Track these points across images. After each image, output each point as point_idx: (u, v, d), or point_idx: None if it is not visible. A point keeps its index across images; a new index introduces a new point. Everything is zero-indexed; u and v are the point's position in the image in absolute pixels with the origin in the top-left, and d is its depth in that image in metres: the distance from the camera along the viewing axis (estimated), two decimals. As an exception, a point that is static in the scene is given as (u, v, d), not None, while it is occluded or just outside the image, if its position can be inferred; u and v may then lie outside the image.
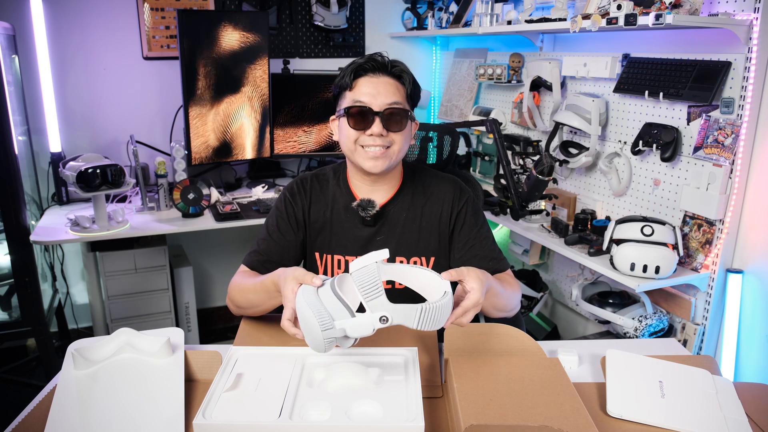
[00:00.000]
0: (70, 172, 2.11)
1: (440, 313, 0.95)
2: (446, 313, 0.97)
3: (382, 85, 1.25)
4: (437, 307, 0.94)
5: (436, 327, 0.96)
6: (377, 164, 1.27)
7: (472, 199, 1.40)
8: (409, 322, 0.93)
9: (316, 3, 2.93)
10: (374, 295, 0.93)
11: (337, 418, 0.91)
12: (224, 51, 2.54)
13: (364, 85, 1.26)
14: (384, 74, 1.27)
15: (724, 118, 1.75)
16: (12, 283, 2.32)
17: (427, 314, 0.93)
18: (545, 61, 2.40)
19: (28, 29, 2.43)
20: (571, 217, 2.35)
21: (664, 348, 1.26)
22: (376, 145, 1.25)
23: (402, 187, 1.38)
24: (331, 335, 0.93)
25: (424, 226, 1.37)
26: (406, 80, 1.29)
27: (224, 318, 3.22)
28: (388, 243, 1.35)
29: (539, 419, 0.88)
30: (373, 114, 1.24)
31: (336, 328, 0.93)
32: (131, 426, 0.93)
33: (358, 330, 0.93)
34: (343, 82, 1.28)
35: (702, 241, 1.86)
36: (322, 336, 0.92)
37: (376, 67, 1.26)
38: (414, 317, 0.93)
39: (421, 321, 0.93)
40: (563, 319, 2.61)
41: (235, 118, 2.67)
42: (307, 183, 1.40)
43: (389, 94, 1.25)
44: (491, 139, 2.75)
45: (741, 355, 1.86)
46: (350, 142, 1.28)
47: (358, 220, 1.36)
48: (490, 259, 1.35)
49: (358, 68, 1.26)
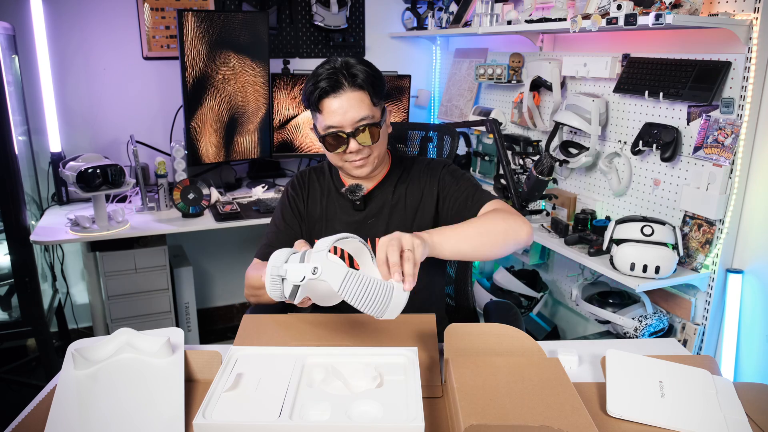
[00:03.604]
0: (70, 172, 2.11)
1: (371, 287, 0.94)
2: (381, 293, 0.95)
3: (347, 102, 1.29)
4: (366, 279, 0.95)
5: (370, 304, 0.94)
6: (363, 170, 1.38)
7: (447, 165, 1.46)
8: (335, 282, 0.95)
9: (316, 3, 2.93)
10: (318, 249, 1.01)
11: (337, 418, 0.91)
12: (224, 51, 2.54)
13: (331, 105, 1.30)
14: (346, 90, 1.29)
15: (724, 118, 1.75)
16: (12, 283, 2.32)
17: (353, 281, 0.95)
18: (545, 61, 2.40)
19: (28, 29, 2.43)
20: (571, 217, 2.36)
21: (664, 348, 1.26)
22: (357, 159, 1.35)
23: (389, 174, 1.46)
24: (275, 272, 1.02)
25: (409, 205, 1.44)
26: (367, 86, 1.31)
27: (224, 318, 3.22)
28: (378, 225, 1.43)
29: (539, 419, 0.88)
30: (347, 135, 1.31)
31: (280, 267, 1.01)
32: (131, 426, 0.93)
33: (292, 274, 1.00)
34: (311, 104, 1.33)
35: (702, 241, 1.86)
36: (269, 272, 1.02)
37: (337, 85, 1.29)
38: (340, 278, 0.95)
39: (346, 286, 0.95)
40: (563, 319, 2.61)
41: (235, 117, 2.67)
42: (306, 176, 1.51)
43: (355, 109, 1.30)
44: (491, 139, 2.75)
45: (741, 355, 1.86)
46: (335, 160, 1.39)
47: (349, 205, 1.44)
48: (467, 200, 1.38)
49: (321, 92, 1.29)
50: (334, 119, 1.30)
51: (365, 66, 1.32)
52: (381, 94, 1.36)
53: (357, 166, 1.36)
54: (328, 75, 1.29)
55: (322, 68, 1.31)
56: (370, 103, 1.32)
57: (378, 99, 1.34)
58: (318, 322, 1.28)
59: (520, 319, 1.51)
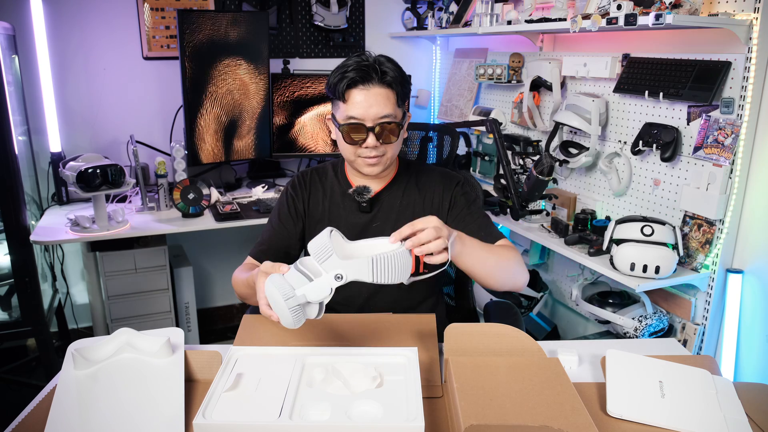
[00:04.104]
0: (70, 172, 2.11)
1: (395, 261, 0.95)
2: (403, 261, 0.97)
3: (373, 97, 1.29)
4: (390, 256, 0.95)
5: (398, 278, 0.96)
6: (374, 169, 1.36)
7: (462, 183, 1.46)
8: (365, 276, 0.95)
9: (316, 3, 2.93)
10: (325, 256, 0.96)
11: (337, 418, 0.91)
12: (224, 51, 2.54)
13: (356, 96, 1.29)
14: (374, 84, 1.29)
15: (724, 118, 1.75)
16: (12, 283, 2.32)
17: (380, 264, 0.95)
18: (545, 61, 2.40)
19: (28, 29, 2.43)
20: (571, 217, 2.36)
21: (664, 348, 1.26)
22: (371, 156, 1.33)
23: (396, 177, 1.45)
24: (294, 303, 0.96)
25: (418, 212, 1.41)
26: (395, 86, 1.31)
27: (224, 318, 3.22)
28: (384, 229, 1.39)
29: (539, 419, 0.88)
30: (367, 129, 1.30)
31: (297, 295, 0.97)
32: (131, 426, 0.93)
33: (317, 292, 0.97)
34: (336, 92, 1.32)
35: (702, 241, 1.86)
36: (287, 306, 0.96)
37: (367, 78, 1.29)
38: (367, 269, 0.95)
39: (376, 272, 0.95)
40: (563, 319, 2.61)
41: (235, 117, 2.67)
42: (308, 176, 1.49)
43: (380, 105, 1.29)
44: (491, 139, 2.75)
45: (741, 355, 1.86)
46: (349, 152, 1.36)
47: (354, 207, 1.43)
48: (480, 231, 1.37)
49: (350, 81, 1.29)
50: (358, 111, 1.29)
51: (395, 66, 1.33)
52: (406, 97, 1.36)
53: (369, 164, 1.34)
54: (360, 66, 1.29)
55: (351, 60, 1.31)
56: (395, 103, 1.32)
57: (402, 101, 1.34)
58: (318, 322, 1.28)
59: (520, 319, 1.51)
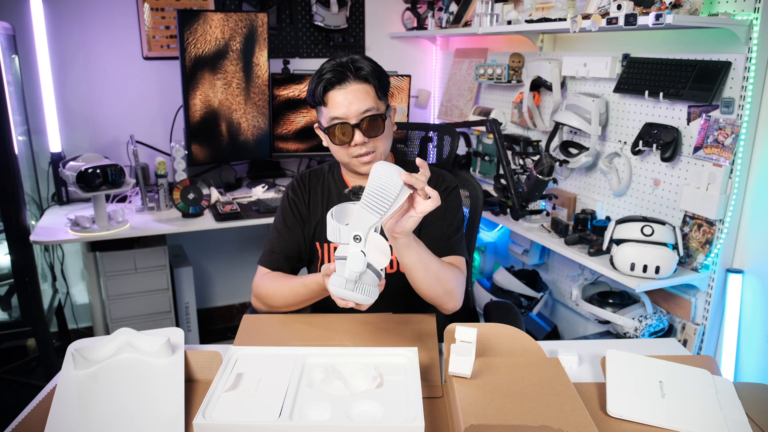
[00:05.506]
0: (70, 172, 2.11)
1: (385, 189, 0.99)
2: (392, 185, 1.00)
3: (352, 94, 1.31)
4: (378, 186, 1.00)
5: (391, 199, 0.99)
6: (369, 167, 1.34)
7: (451, 189, 1.44)
8: (367, 218, 0.98)
9: (316, 3, 2.93)
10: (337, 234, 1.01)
11: (337, 418, 0.91)
12: (224, 51, 2.54)
13: (336, 97, 1.31)
14: (351, 82, 1.31)
15: (724, 118, 1.75)
16: (12, 283, 2.32)
17: (371, 198, 0.99)
18: (545, 61, 2.40)
19: (28, 29, 2.43)
20: (571, 217, 2.36)
21: (664, 348, 1.26)
22: (362, 153, 1.33)
23: None
24: (351, 285, 0.98)
25: None
26: (372, 79, 1.33)
27: (224, 318, 3.22)
28: None
29: (539, 419, 0.88)
30: (352, 126, 1.31)
31: (347, 277, 0.98)
32: (131, 426, 0.93)
33: (356, 263, 0.97)
34: (316, 98, 1.33)
35: (702, 241, 1.86)
36: (348, 290, 0.98)
37: (343, 77, 1.30)
38: (364, 210, 0.99)
39: (372, 207, 0.99)
40: (563, 319, 2.61)
41: (235, 118, 2.67)
42: (306, 178, 1.50)
43: (360, 101, 1.31)
44: (491, 139, 2.74)
45: (741, 355, 1.86)
46: (341, 155, 1.37)
47: None
48: (441, 239, 1.36)
49: (327, 84, 1.30)
50: (340, 110, 1.31)
51: (369, 61, 1.35)
52: (385, 89, 1.37)
53: (363, 162, 1.35)
54: (333, 68, 1.31)
55: (326, 64, 1.33)
56: (375, 96, 1.33)
57: (383, 94, 1.36)
58: (318, 322, 1.28)
59: (520, 319, 1.51)
